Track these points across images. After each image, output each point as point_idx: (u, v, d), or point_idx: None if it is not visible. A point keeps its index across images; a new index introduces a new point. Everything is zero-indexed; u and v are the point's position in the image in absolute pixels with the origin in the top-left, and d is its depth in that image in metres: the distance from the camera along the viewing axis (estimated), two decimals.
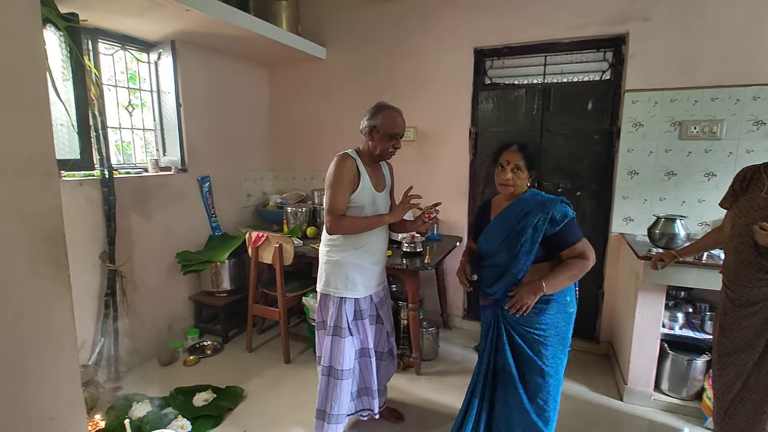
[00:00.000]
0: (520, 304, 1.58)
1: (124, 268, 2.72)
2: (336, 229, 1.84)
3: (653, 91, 2.64)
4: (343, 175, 1.82)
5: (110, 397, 2.44)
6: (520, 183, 1.63)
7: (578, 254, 1.59)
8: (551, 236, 1.57)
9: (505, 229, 1.64)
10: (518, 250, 1.60)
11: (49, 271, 1.12)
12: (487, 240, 1.71)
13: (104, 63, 2.80)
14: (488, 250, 1.71)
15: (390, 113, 1.86)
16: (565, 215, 1.57)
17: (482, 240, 1.74)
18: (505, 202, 1.71)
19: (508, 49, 3.03)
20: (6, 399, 1.06)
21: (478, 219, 1.85)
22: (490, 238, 1.69)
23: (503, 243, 1.64)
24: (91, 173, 2.53)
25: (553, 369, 1.63)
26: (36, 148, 1.08)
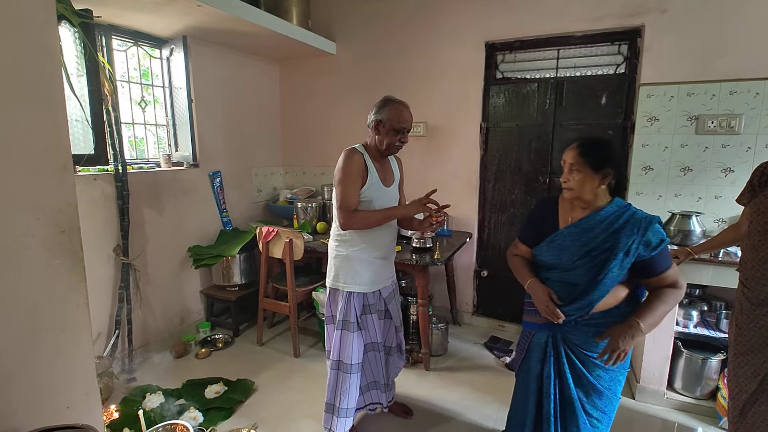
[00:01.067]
0: (618, 352, 1.33)
1: (137, 261, 2.76)
2: (349, 224, 1.81)
3: (669, 84, 2.59)
4: (352, 169, 1.81)
5: (124, 388, 2.49)
6: (587, 187, 1.40)
7: (669, 283, 1.39)
8: (642, 262, 1.36)
9: (584, 244, 1.41)
10: (604, 275, 1.37)
11: (64, 264, 1.14)
12: (556, 251, 1.47)
13: (117, 59, 2.83)
14: (557, 263, 1.47)
15: (396, 107, 1.84)
16: (662, 240, 1.36)
17: (548, 249, 1.49)
18: (580, 210, 1.46)
19: (520, 42, 2.99)
20: (25, 388, 1.09)
21: (538, 221, 1.59)
22: (562, 249, 1.45)
23: (581, 260, 1.41)
24: (105, 168, 2.57)
25: (611, 392, 1.49)
26: (52, 143, 1.10)
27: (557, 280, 1.49)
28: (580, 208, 1.47)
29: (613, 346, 1.34)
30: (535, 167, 3.07)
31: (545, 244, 1.51)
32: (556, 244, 1.47)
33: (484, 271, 3.35)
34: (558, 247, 1.47)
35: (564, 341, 1.49)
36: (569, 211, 1.50)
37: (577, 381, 1.48)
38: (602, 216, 1.41)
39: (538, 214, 1.61)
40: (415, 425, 2.23)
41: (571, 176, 1.42)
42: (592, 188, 1.40)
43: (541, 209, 1.61)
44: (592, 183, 1.40)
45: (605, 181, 1.41)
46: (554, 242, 1.48)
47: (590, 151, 1.39)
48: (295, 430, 2.18)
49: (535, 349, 1.57)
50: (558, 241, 1.47)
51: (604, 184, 1.41)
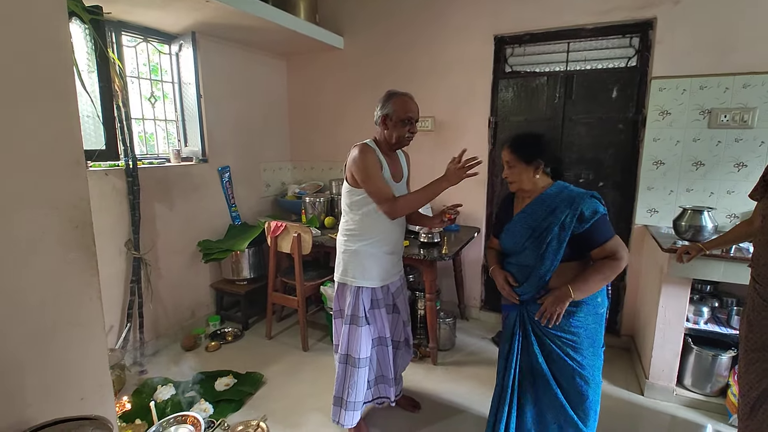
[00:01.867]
0: (549, 313, 1.49)
1: (148, 255, 2.80)
2: (397, 211, 1.81)
3: (682, 78, 2.54)
4: (371, 163, 1.81)
5: (136, 380, 2.53)
6: (524, 179, 1.56)
7: (609, 254, 1.48)
8: (580, 234, 1.47)
9: (530, 226, 1.55)
10: (545, 249, 1.50)
11: (78, 258, 1.16)
12: (510, 237, 1.62)
13: (127, 55, 2.85)
14: (512, 247, 1.62)
15: (401, 98, 1.84)
16: (594, 212, 1.46)
17: (505, 237, 1.65)
18: (527, 198, 1.61)
19: (529, 36, 2.96)
20: (40, 381, 1.11)
21: (500, 214, 1.76)
22: (513, 235, 1.61)
23: (528, 241, 1.55)
24: (116, 163, 2.60)
25: (588, 372, 1.55)
26: (64, 139, 1.12)
27: (514, 263, 1.64)
28: (527, 198, 1.62)
29: (546, 308, 1.51)
30: None
31: (504, 233, 1.66)
32: (510, 231, 1.63)
33: None
34: (511, 233, 1.62)
35: (532, 322, 1.60)
36: (522, 201, 1.65)
37: (548, 357, 1.58)
38: (543, 198, 1.56)
39: (499, 209, 1.80)
40: (422, 419, 2.24)
41: (510, 171, 1.59)
42: (528, 178, 1.56)
43: (501, 205, 1.80)
44: (528, 174, 1.55)
45: (538, 171, 1.55)
46: (508, 230, 1.64)
47: (520, 147, 1.56)
48: (304, 422, 2.21)
49: (506, 329, 1.70)
50: (510, 228, 1.63)
51: (538, 173, 1.56)
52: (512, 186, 1.60)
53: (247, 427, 2.10)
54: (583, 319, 1.54)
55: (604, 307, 1.60)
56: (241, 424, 2.13)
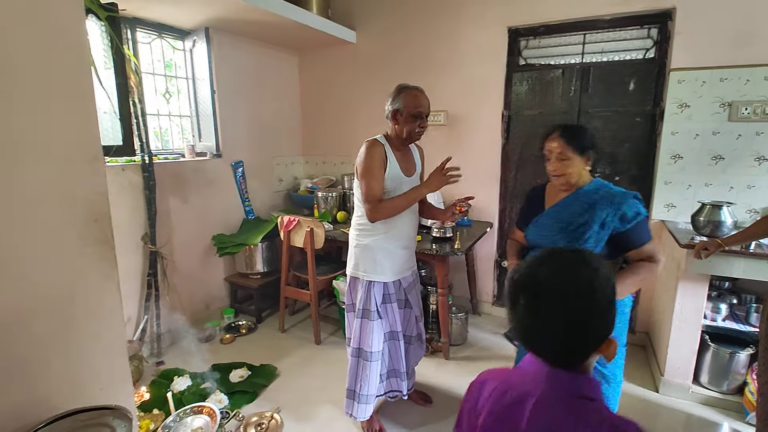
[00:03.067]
0: None
1: (164, 249, 2.84)
2: (377, 214, 1.81)
3: (701, 69, 2.48)
4: (374, 161, 1.81)
5: (153, 370, 2.59)
6: (574, 171, 1.46)
7: (646, 256, 1.43)
8: (619, 235, 1.41)
9: (563, 221, 1.49)
10: (580, 245, 1.41)
11: (97, 251, 1.19)
12: (538, 230, 1.56)
13: (142, 51, 2.89)
14: (539, 241, 1.55)
15: (411, 92, 1.82)
16: (637, 213, 1.41)
17: (532, 230, 1.58)
18: (563, 192, 1.54)
19: (544, 27, 2.91)
20: (62, 370, 1.15)
21: (528, 206, 1.69)
22: (542, 228, 1.54)
23: (559, 235, 1.48)
24: (132, 159, 2.64)
25: (609, 371, 1.49)
26: (84, 135, 1.14)
27: None
28: (563, 192, 1.55)
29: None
30: None
31: (531, 225, 1.60)
32: (539, 224, 1.57)
33: (505, 261, 3.32)
34: (539, 226, 1.56)
35: None
36: (555, 195, 1.59)
37: None
38: (580, 193, 1.49)
39: (528, 200, 1.72)
40: (434, 413, 2.25)
41: (560, 164, 1.48)
42: (577, 171, 1.48)
43: (530, 196, 1.72)
44: (579, 166, 1.47)
45: (589, 163, 1.49)
46: (537, 222, 1.58)
47: (574, 137, 1.46)
48: (317, 414, 2.23)
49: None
50: (540, 221, 1.57)
51: (588, 165, 1.49)
52: (558, 179, 1.50)
53: (261, 419, 2.14)
54: None
55: (629, 306, 1.57)
56: (256, 415, 2.17)
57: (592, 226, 1.42)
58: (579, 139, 1.46)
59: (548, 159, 1.51)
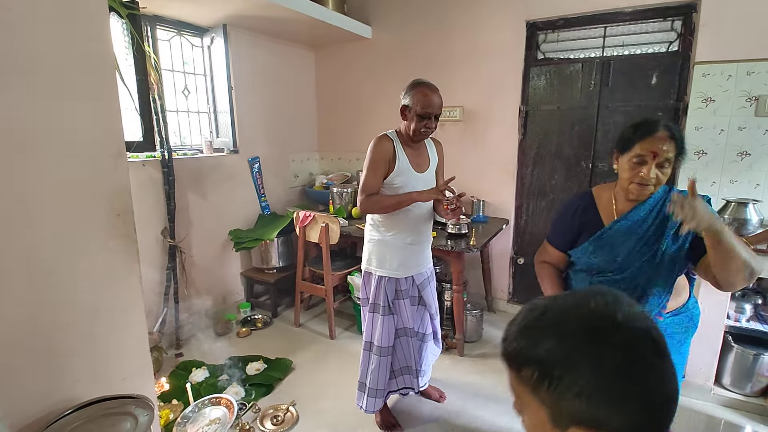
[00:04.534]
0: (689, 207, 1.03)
1: (182, 243, 2.90)
2: (363, 207, 1.83)
3: (727, 63, 2.40)
4: (375, 156, 1.81)
5: (173, 362, 2.64)
6: (664, 182, 1.23)
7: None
8: (695, 241, 1.23)
9: (640, 237, 1.26)
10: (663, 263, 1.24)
11: (120, 245, 1.22)
12: (610, 250, 1.29)
13: (162, 48, 2.93)
14: (608, 264, 1.30)
15: (422, 90, 1.76)
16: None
17: (598, 250, 1.32)
18: (625, 202, 1.30)
19: (563, 20, 2.86)
20: (87, 361, 1.18)
21: (576, 220, 1.39)
22: (615, 247, 1.29)
23: (638, 254, 1.26)
24: (152, 154, 2.69)
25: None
26: (107, 131, 1.16)
27: (610, 284, 1.29)
28: (629, 202, 1.29)
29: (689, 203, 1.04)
30: (577, 152, 2.95)
31: (590, 244, 1.33)
32: (606, 242, 1.30)
33: (521, 258, 3.29)
34: (608, 245, 1.29)
35: None
36: (610, 203, 1.34)
37: None
38: (651, 203, 1.28)
39: (573, 212, 1.41)
40: (447, 409, 2.25)
41: (662, 171, 1.19)
42: (667, 176, 1.22)
43: (576, 207, 1.41)
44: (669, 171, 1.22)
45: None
46: (603, 240, 1.30)
47: (681, 137, 1.19)
48: (331, 407, 2.25)
49: None
50: (608, 238, 1.30)
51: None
52: (647, 189, 1.22)
53: (277, 411, 2.17)
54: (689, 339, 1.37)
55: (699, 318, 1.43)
56: (272, 407, 2.20)
57: (666, 233, 1.24)
58: (684, 146, 1.20)
59: (643, 163, 1.20)
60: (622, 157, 1.27)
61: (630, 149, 1.23)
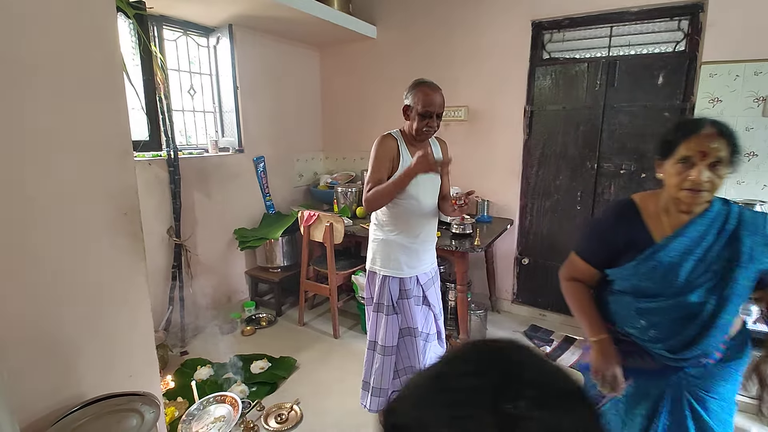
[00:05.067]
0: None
1: (188, 242, 2.91)
2: (367, 203, 1.79)
3: (735, 63, 2.39)
4: (380, 154, 1.81)
5: (178, 360, 2.66)
6: (719, 187, 1.05)
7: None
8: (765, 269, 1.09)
9: (702, 257, 1.08)
10: (730, 288, 1.07)
11: (127, 244, 1.23)
12: (665, 273, 1.10)
13: (168, 48, 2.95)
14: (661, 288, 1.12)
15: (423, 90, 1.75)
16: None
17: (649, 271, 1.12)
18: (678, 214, 1.11)
19: (569, 20, 2.85)
20: (95, 358, 1.19)
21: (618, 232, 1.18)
22: (671, 269, 1.09)
23: (702, 278, 1.08)
24: (158, 153, 2.71)
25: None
26: (115, 131, 1.17)
27: (660, 312, 1.13)
28: (676, 212, 1.12)
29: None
30: (582, 152, 2.94)
31: (639, 264, 1.13)
32: (659, 262, 1.10)
33: (526, 258, 3.28)
34: (662, 266, 1.10)
35: (689, 392, 1.15)
36: (659, 216, 1.15)
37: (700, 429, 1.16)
38: (711, 217, 1.10)
39: (615, 223, 1.19)
40: None
41: (716, 173, 1.03)
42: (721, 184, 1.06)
43: (617, 217, 1.20)
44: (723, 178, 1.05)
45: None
46: (655, 260, 1.11)
47: (734, 137, 1.05)
48: (335, 406, 2.26)
49: (641, 401, 1.20)
50: (661, 258, 1.10)
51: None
52: (701, 196, 1.05)
53: (281, 410, 2.18)
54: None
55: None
56: (276, 406, 2.21)
57: (741, 259, 1.06)
58: (736, 144, 1.05)
59: (690, 165, 1.05)
60: (665, 163, 1.11)
61: (673, 152, 1.08)
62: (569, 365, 2.61)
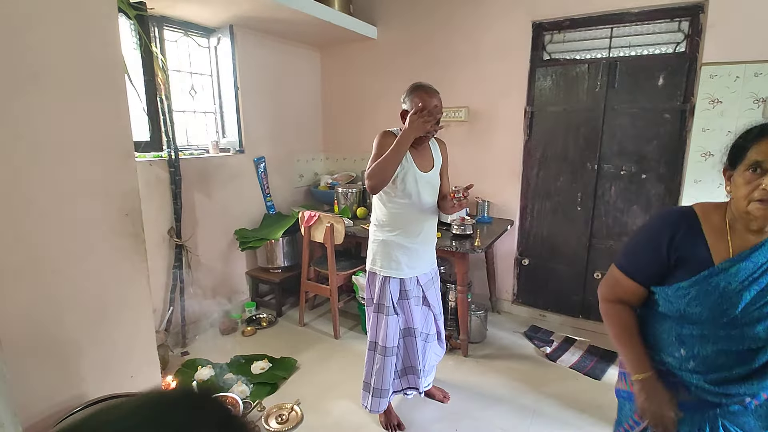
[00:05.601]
0: None
1: (189, 243, 2.92)
2: (368, 180, 1.78)
3: (735, 64, 2.39)
4: (383, 145, 1.82)
5: (178, 360, 2.66)
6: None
7: None
8: None
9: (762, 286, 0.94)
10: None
11: (128, 244, 1.23)
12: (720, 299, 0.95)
13: (169, 49, 2.95)
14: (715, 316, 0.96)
15: (420, 95, 1.77)
16: None
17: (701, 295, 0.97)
18: (747, 232, 0.96)
19: (569, 21, 2.85)
20: (96, 359, 1.19)
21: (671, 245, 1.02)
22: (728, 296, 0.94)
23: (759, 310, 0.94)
24: (159, 154, 2.71)
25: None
26: (116, 132, 1.18)
27: (706, 342, 0.99)
28: (746, 230, 0.96)
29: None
30: (583, 154, 2.94)
31: (691, 286, 0.97)
32: (715, 287, 0.95)
33: (526, 259, 3.29)
34: (718, 292, 0.95)
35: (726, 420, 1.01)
36: (723, 233, 0.99)
37: None
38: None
39: (670, 235, 1.02)
40: (451, 409, 2.25)
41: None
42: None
43: (673, 228, 1.02)
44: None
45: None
46: (711, 284, 0.95)
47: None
48: (335, 407, 2.26)
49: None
50: (719, 282, 0.95)
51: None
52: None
53: (281, 410, 2.18)
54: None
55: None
56: (276, 406, 2.21)
57: None
58: None
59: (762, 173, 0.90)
60: (734, 172, 0.97)
61: (743, 158, 0.94)
62: (570, 366, 2.62)
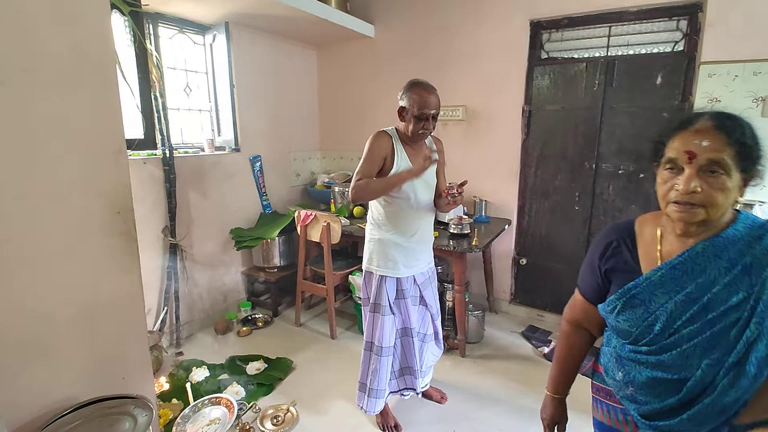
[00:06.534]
0: None
1: (183, 242, 2.88)
2: (353, 192, 1.77)
3: (733, 63, 2.38)
4: (373, 148, 1.80)
5: (172, 361, 2.63)
6: (720, 198, 0.78)
7: None
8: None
9: (694, 298, 0.81)
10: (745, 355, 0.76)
11: (120, 243, 1.20)
12: (643, 314, 0.86)
13: (164, 46, 2.92)
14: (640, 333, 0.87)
15: (418, 92, 1.74)
16: None
17: (626, 310, 0.89)
18: (677, 240, 0.87)
19: (568, 20, 2.84)
20: (86, 358, 1.17)
21: (605, 260, 0.97)
22: (650, 311, 0.86)
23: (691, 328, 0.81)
24: (153, 152, 2.68)
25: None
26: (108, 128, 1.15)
27: (647, 366, 0.87)
28: (674, 237, 0.87)
29: None
30: (581, 153, 2.93)
31: (618, 298, 0.90)
32: (638, 299, 0.87)
33: (523, 259, 3.28)
34: (640, 304, 0.87)
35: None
36: (654, 242, 0.91)
37: None
38: (725, 241, 0.81)
39: (603, 247, 0.98)
40: (448, 410, 2.23)
41: (709, 183, 0.78)
42: (729, 201, 0.79)
43: (607, 243, 0.97)
44: (732, 191, 0.79)
45: (745, 189, 0.82)
46: (633, 296, 0.88)
47: (741, 134, 0.79)
48: (332, 408, 2.24)
49: None
50: (639, 294, 0.87)
51: (743, 193, 0.82)
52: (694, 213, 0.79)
53: (277, 411, 2.16)
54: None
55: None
56: (272, 407, 2.19)
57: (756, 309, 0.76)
58: (748, 142, 0.80)
59: (677, 171, 0.82)
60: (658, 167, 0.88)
61: (662, 155, 0.85)
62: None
